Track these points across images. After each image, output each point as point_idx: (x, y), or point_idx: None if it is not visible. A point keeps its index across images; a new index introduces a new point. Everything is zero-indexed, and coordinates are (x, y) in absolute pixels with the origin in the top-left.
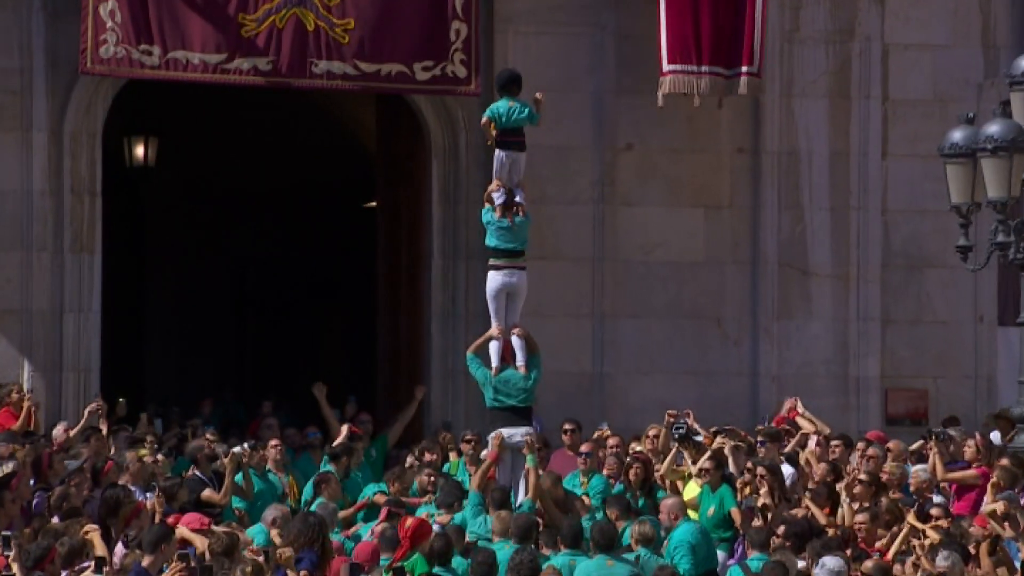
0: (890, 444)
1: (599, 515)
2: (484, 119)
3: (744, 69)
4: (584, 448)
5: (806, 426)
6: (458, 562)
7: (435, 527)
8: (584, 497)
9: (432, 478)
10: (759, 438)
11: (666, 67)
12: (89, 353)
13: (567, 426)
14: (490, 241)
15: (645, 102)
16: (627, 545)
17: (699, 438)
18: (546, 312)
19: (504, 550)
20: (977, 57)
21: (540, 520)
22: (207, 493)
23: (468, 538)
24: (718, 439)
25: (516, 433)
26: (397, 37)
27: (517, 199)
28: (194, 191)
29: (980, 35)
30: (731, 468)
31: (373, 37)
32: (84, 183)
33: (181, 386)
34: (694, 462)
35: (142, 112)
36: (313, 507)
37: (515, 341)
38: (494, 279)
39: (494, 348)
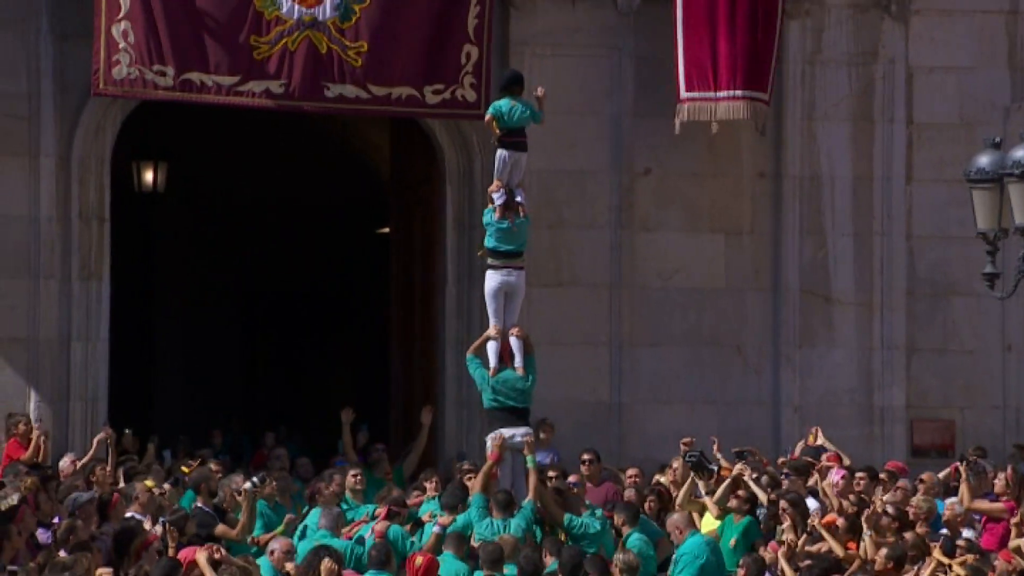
0: (924, 476)
1: (598, 511)
2: (487, 116)
3: (754, 94)
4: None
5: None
6: (460, 567)
7: (436, 528)
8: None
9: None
10: (784, 470)
11: (683, 94)
12: (97, 382)
13: (585, 456)
14: (489, 242)
15: (664, 126)
16: None
17: (714, 467)
18: (562, 339)
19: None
20: (1004, 79)
21: (542, 519)
22: (221, 528)
23: (475, 540)
24: (738, 466)
25: (516, 434)
26: (408, 60)
27: (518, 199)
28: (204, 217)
29: (1007, 57)
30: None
31: (385, 60)
32: (92, 209)
33: (190, 415)
34: (707, 491)
35: (151, 136)
36: (313, 519)
37: (513, 342)
38: (492, 278)
39: (492, 348)
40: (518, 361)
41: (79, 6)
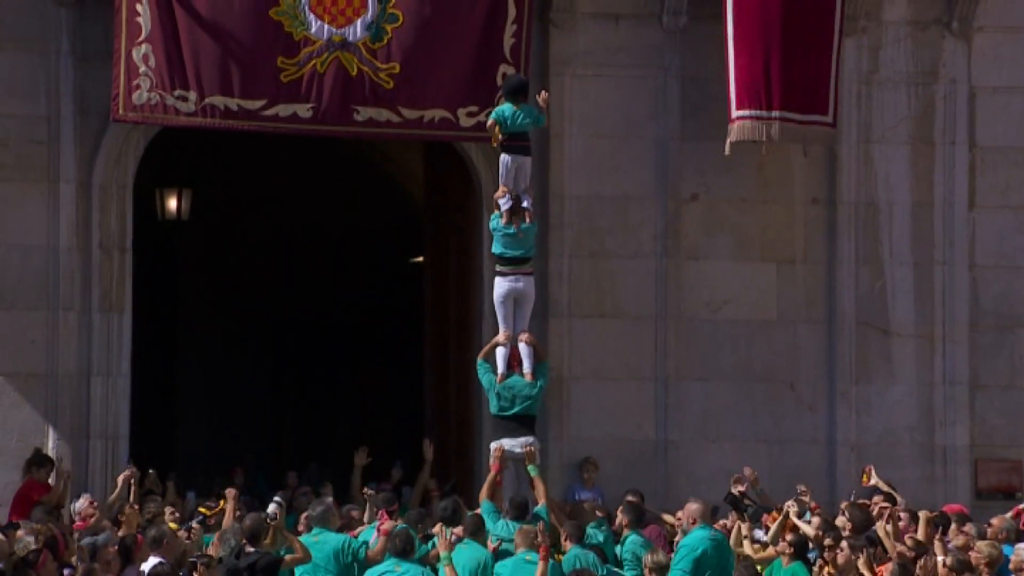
0: (993, 520)
1: (604, 523)
2: (490, 121)
3: (817, 118)
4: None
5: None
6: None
7: (452, 536)
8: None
9: None
10: (845, 512)
11: (735, 113)
12: (117, 419)
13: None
14: (496, 248)
15: (712, 149)
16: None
17: (751, 506)
18: (606, 374)
19: (527, 561)
20: None
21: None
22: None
23: (491, 542)
24: (786, 504)
25: (516, 444)
26: (442, 81)
27: (524, 204)
28: (230, 246)
29: None
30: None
31: (418, 81)
32: (114, 238)
33: (214, 452)
34: (745, 536)
35: (175, 162)
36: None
37: (522, 348)
38: (501, 285)
39: (501, 354)
40: (527, 367)
41: (100, 26)
